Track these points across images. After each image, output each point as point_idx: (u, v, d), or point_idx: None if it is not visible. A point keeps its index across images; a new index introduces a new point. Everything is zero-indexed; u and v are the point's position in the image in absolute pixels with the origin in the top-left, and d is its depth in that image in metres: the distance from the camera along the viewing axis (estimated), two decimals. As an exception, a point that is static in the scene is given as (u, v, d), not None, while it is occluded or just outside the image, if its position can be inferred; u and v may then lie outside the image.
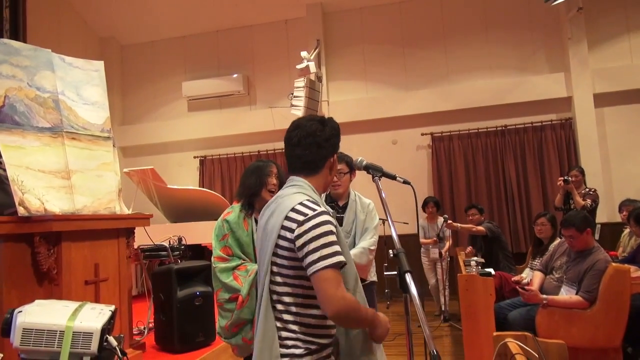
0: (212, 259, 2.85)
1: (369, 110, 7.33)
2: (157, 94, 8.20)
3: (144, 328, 4.15)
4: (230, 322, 2.71)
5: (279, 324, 1.54)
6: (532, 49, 6.92)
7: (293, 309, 1.53)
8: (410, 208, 7.03)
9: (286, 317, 1.54)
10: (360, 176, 7.08)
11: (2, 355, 2.22)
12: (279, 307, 1.55)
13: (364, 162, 1.86)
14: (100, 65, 3.53)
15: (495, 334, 1.82)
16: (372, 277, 3.10)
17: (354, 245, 2.99)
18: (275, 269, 1.55)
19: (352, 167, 3.10)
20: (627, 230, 4.81)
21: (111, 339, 1.73)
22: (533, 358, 1.90)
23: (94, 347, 1.63)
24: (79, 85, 3.32)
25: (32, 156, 2.89)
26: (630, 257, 4.17)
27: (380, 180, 1.89)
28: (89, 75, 3.40)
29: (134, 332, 4.12)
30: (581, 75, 6.56)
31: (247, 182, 2.84)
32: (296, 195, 1.60)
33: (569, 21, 6.53)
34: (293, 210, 1.53)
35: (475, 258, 5.23)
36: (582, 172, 5.50)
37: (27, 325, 1.60)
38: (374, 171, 1.81)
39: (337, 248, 1.47)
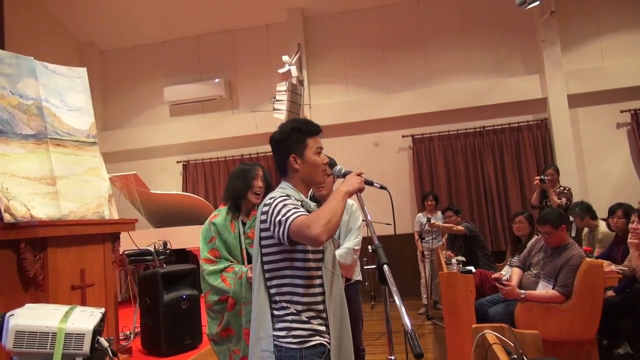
0: (200, 261, 2.89)
1: (350, 113, 7.42)
2: (139, 99, 8.18)
3: (130, 333, 4.16)
4: (221, 326, 2.76)
5: (271, 291, 1.77)
6: (508, 51, 7.11)
7: (279, 284, 1.77)
8: (394, 209, 7.18)
9: (275, 290, 1.77)
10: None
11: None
12: (269, 283, 1.78)
13: (343, 170, 1.96)
14: (83, 72, 3.56)
15: (474, 326, 1.91)
16: (357, 276, 3.16)
17: (338, 246, 3.05)
18: (264, 258, 1.79)
19: (334, 165, 3.16)
20: (586, 230, 4.98)
21: (102, 340, 1.77)
22: (509, 347, 1.99)
23: (86, 347, 1.67)
24: (63, 92, 3.33)
25: (16, 163, 2.90)
26: (606, 252, 4.32)
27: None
28: (72, 82, 3.42)
29: (120, 337, 4.13)
30: (555, 77, 6.76)
31: (233, 185, 2.89)
32: (271, 194, 1.83)
33: (543, 24, 6.73)
34: (264, 205, 1.79)
35: (457, 257, 5.38)
36: (557, 170, 5.68)
37: (19, 328, 1.63)
38: None
39: (293, 210, 1.67)
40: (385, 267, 1.55)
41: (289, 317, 1.72)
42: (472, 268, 4.52)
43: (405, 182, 7.33)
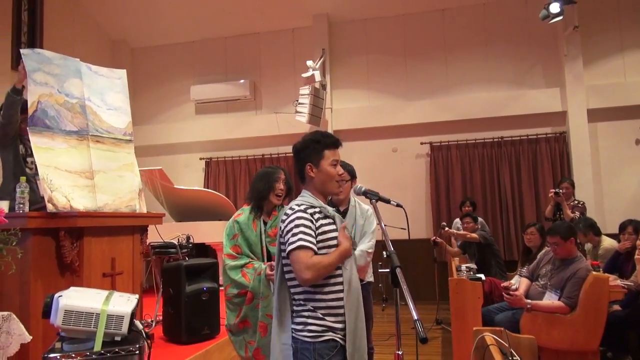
0: (223, 256, 3.11)
1: (370, 118, 7.58)
2: (166, 96, 8.46)
3: (152, 321, 4.40)
4: (239, 318, 2.96)
5: (291, 289, 1.98)
6: (530, 64, 7.18)
7: (297, 284, 1.96)
8: (410, 213, 7.30)
9: (294, 290, 1.98)
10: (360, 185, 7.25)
11: (31, 337, 2.45)
12: (289, 283, 1.99)
13: (363, 189, 2.16)
14: (122, 73, 3.79)
15: (475, 328, 2.05)
16: (369, 277, 3.34)
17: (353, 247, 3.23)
18: (284, 260, 1.98)
19: (353, 174, 3.35)
20: (589, 245, 5.06)
21: (137, 322, 1.98)
22: (505, 349, 2.13)
23: (124, 328, 1.88)
24: (104, 92, 3.57)
25: (60, 157, 3.13)
26: (609, 265, 4.41)
27: (377, 202, 2.16)
28: (112, 83, 3.66)
29: (143, 324, 4.36)
30: (576, 91, 6.82)
31: (256, 186, 3.10)
32: (294, 202, 2.02)
33: (566, 39, 6.79)
34: (285, 213, 2.00)
35: (468, 264, 5.51)
36: (572, 184, 5.75)
37: (68, 308, 1.85)
38: (372, 195, 2.11)
39: (300, 236, 1.88)
40: (398, 270, 1.72)
41: (306, 313, 1.91)
42: (482, 276, 4.66)
43: (421, 189, 7.45)
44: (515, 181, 7.07)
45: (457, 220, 6.40)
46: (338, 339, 1.91)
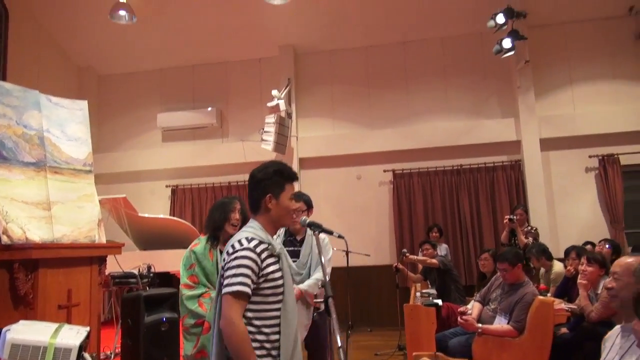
0: (180, 286, 3.15)
1: (335, 146, 7.76)
2: (133, 123, 8.47)
3: (111, 353, 4.34)
4: (196, 348, 3.00)
5: None
6: (486, 95, 7.53)
7: None
8: (372, 240, 7.47)
9: None
10: (325, 212, 7.38)
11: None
12: None
13: (307, 221, 2.21)
14: (84, 104, 3.85)
15: (414, 353, 2.14)
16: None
17: (309, 276, 3.31)
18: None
19: (309, 205, 3.46)
20: (542, 269, 5.28)
21: (86, 355, 2.01)
22: None
23: (73, 361, 1.91)
24: (64, 123, 3.62)
25: (16, 189, 3.16)
26: (557, 291, 4.62)
27: (319, 234, 2.23)
28: (73, 114, 3.71)
29: (101, 357, 4.31)
30: (529, 121, 7.17)
31: (212, 216, 3.18)
32: (241, 233, 2.00)
33: (518, 72, 7.17)
34: (231, 246, 1.95)
35: (428, 290, 5.64)
36: (526, 210, 6.00)
37: (15, 342, 1.87)
38: (315, 228, 2.17)
39: (240, 279, 1.84)
40: (330, 300, 1.80)
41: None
42: (438, 301, 4.79)
43: (385, 215, 7.62)
44: (474, 207, 7.31)
45: (444, 245, 6.56)
46: None
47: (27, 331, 1.95)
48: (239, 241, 1.94)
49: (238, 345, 1.81)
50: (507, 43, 6.56)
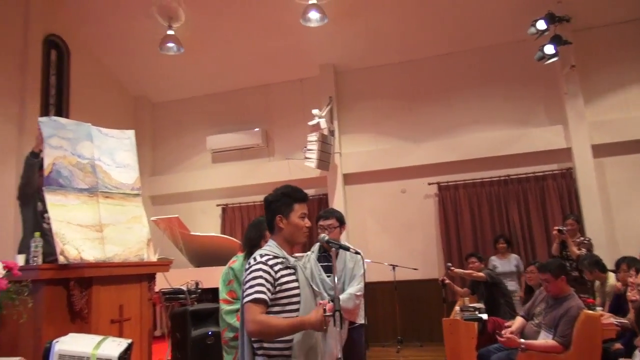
0: (219, 301, 3.32)
1: (379, 161, 7.80)
2: (184, 147, 8.90)
3: (163, 365, 4.58)
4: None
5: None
6: (531, 103, 7.34)
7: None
8: (420, 254, 7.42)
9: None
10: (370, 226, 7.45)
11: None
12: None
13: (326, 238, 2.32)
14: (131, 133, 4.14)
15: None
16: (361, 320, 3.46)
17: (343, 290, 3.38)
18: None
19: (341, 221, 3.54)
20: (597, 282, 5.02)
21: (127, 365, 2.18)
22: None
23: (113, 371, 2.08)
24: (113, 152, 3.91)
25: (72, 212, 3.44)
26: (612, 306, 4.40)
27: (337, 250, 2.33)
28: (121, 143, 4.00)
29: (154, 369, 4.55)
30: (579, 128, 6.91)
31: (249, 235, 3.35)
32: (257, 252, 2.22)
33: (564, 77, 6.95)
34: (248, 262, 2.19)
35: (475, 304, 5.54)
36: (577, 220, 5.77)
37: (62, 352, 2.07)
38: (333, 244, 2.28)
39: (256, 288, 2.02)
40: (337, 313, 1.88)
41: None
42: (483, 316, 4.70)
43: (431, 229, 7.54)
44: (525, 219, 7.09)
45: (513, 256, 6.40)
46: None
47: (74, 343, 2.15)
48: (254, 258, 2.17)
49: (273, 328, 1.97)
50: (549, 49, 6.41)
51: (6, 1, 6.40)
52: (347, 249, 2.44)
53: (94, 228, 3.55)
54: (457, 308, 4.47)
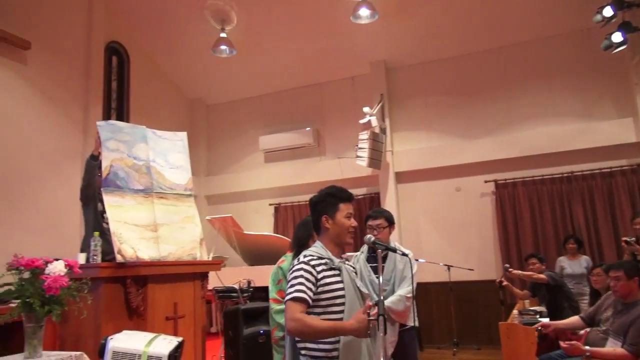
0: (269, 301, 3.33)
1: (432, 158, 7.61)
2: (238, 147, 9.08)
3: (218, 362, 4.67)
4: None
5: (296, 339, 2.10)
6: (597, 95, 6.90)
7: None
8: (476, 254, 7.17)
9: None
10: (423, 226, 7.29)
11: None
12: None
13: (372, 239, 2.26)
14: (183, 135, 4.24)
15: None
16: (412, 322, 3.35)
17: (393, 292, 3.30)
18: None
19: (391, 221, 3.45)
20: None
21: (177, 363, 2.22)
22: None
23: (163, 368, 2.13)
24: (167, 153, 4.02)
25: (128, 213, 3.57)
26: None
27: (384, 252, 2.27)
28: (174, 145, 4.11)
29: (208, 365, 4.65)
30: (651, 120, 6.43)
31: (297, 234, 3.34)
32: (304, 252, 2.22)
33: (635, 67, 6.48)
34: (291, 264, 2.20)
35: (535, 307, 5.27)
36: (650, 219, 5.35)
37: (115, 349, 2.14)
38: (379, 246, 2.21)
39: (297, 287, 2.02)
40: (380, 318, 1.81)
41: None
42: (543, 319, 4.46)
43: (487, 228, 7.27)
44: (591, 218, 6.68)
45: (583, 258, 6.03)
46: None
47: (127, 340, 2.21)
48: (298, 258, 2.18)
49: (312, 328, 1.96)
50: (617, 37, 5.97)
51: (70, 12, 6.76)
52: (394, 250, 2.38)
53: (149, 228, 3.67)
54: (515, 312, 4.26)
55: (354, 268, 2.39)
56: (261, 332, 4.19)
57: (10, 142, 5.76)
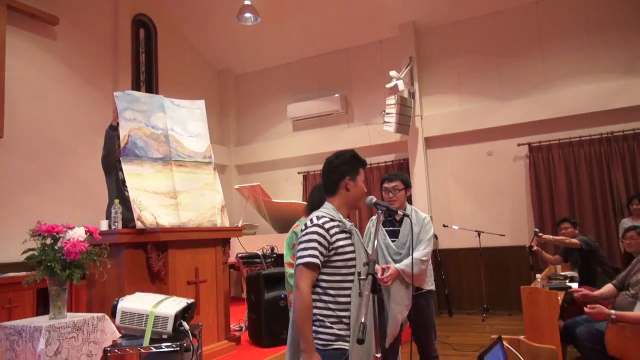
0: (284, 265, 3.36)
1: (462, 122, 7.38)
2: (266, 116, 9.09)
3: (241, 326, 4.80)
4: None
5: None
6: (639, 48, 6.45)
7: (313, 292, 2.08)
8: (507, 219, 6.99)
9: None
10: (454, 191, 7.16)
11: (120, 334, 2.91)
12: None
13: (374, 200, 2.22)
14: (201, 103, 4.27)
15: (492, 337, 1.95)
16: (429, 286, 3.32)
17: (408, 256, 3.25)
18: None
19: (407, 184, 3.38)
20: None
21: (185, 323, 2.28)
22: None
23: (169, 328, 2.20)
24: (185, 122, 4.07)
25: (148, 181, 3.66)
26: None
27: (382, 212, 2.22)
28: (192, 113, 4.15)
29: (236, 328, 4.80)
30: (701, 74, 5.97)
31: (311, 198, 3.33)
32: (314, 213, 2.18)
33: (684, 16, 6.01)
34: (305, 224, 2.15)
35: (566, 272, 5.12)
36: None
37: (124, 309, 2.22)
38: (380, 207, 2.17)
39: (310, 252, 2.00)
40: (370, 277, 1.78)
41: (317, 323, 2.05)
42: (572, 285, 4.34)
43: (521, 192, 7.04)
44: (631, 181, 6.34)
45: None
46: (347, 348, 2.00)
47: (137, 301, 2.29)
48: (310, 219, 2.14)
49: (299, 311, 1.97)
50: (663, -16, 5.53)
51: (96, -14, 6.83)
52: (394, 211, 2.33)
53: (169, 195, 3.75)
54: (537, 276, 4.14)
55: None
56: (282, 296, 4.26)
57: (44, 116, 5.98)
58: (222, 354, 3.90)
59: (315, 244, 2.03)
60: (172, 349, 2.13)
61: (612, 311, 3.31)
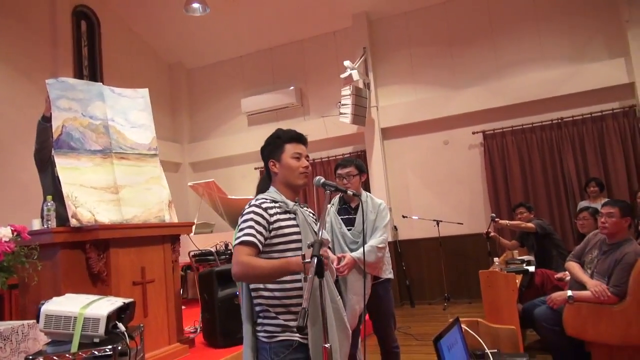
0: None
1: (418, 112, 7.36)
2: (220, 111, 8.81)
3: (198, 326, 4.57)
4: None
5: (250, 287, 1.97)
6: (588, 35, 6.59)
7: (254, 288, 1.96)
8: (465, 207, 7.02)
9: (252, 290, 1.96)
10: (412, 181, 7.12)
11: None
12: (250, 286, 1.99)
13: (322, 181, 2.06)
14: (145, 92, 4.01)
15: (451, 320, 1.88)
16: (387, 274, 3.21)
17: (365, 244, 3.14)
18: None
19: (361, 169, 3.27)
20: None
21: (120, 324, 2.07)
22: (478, 341, 1.96)
23: (101, 330, 1.98)
24: (127, 112, 3.81)
25: (85, 175, 3.39)
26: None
27: (332, 193, 2.07)
28: (135, 102, 3.89)
29: (190, 330, 4.56)
30: (643, 59, 6.14)
31: (260, 187, 3.13)
32: (257, 197, 2.06)
33: (627, 3, 6.17)
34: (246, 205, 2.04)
35: (522, 257, 5.15)
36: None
37: (48, 312, 1.98)
38: (329, 187, 2.01)
39: (246, 231, 1.89)
40: (314, 259, 1.64)
41: (261, 314, 1.91)
42: (529, 268, 4.35)
43: (477, 180, 7.09)
44: (581, 164, 6.49)
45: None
46: (296, 338, 1.86)
47: (65, 302, 2.06)
48: (248, 204, 2.02)
49: (257, 269, 1.82)
50: (606, -30, 5.65)
51: (30, -26, 6.40)
52: (344, 191, 2.19)
53: (110, 190, 3.49)
54: (495, 260, 4.13)
55: (314, 214, 2.23)
56: (237, 293, 4.05)
57: (-26, 113, 5.54)
58: (174, 357, 3.68)
59: (251, 223, 1.90)
60: (104, 354, 1.92)
61: (569, 292, 3.31)
